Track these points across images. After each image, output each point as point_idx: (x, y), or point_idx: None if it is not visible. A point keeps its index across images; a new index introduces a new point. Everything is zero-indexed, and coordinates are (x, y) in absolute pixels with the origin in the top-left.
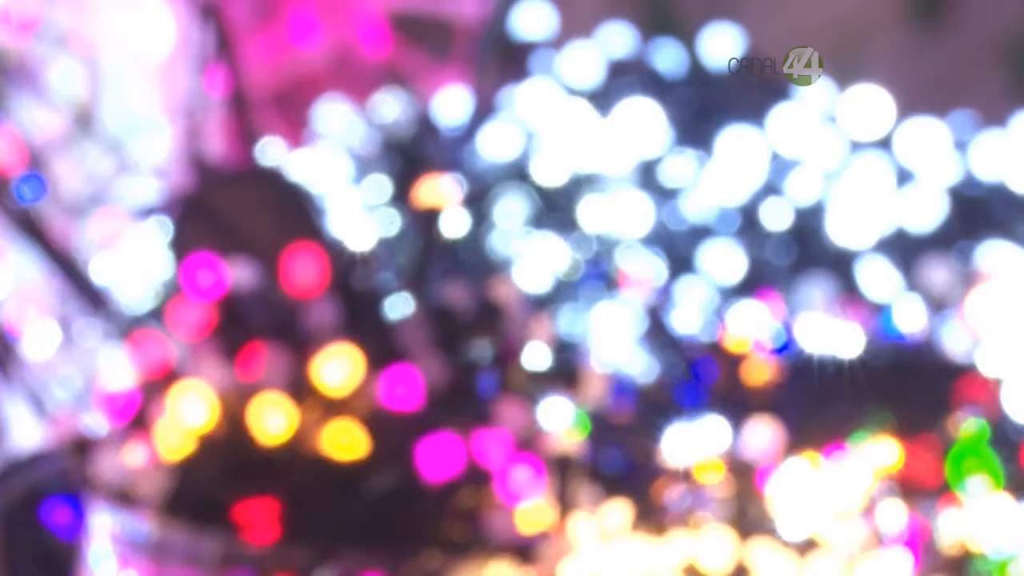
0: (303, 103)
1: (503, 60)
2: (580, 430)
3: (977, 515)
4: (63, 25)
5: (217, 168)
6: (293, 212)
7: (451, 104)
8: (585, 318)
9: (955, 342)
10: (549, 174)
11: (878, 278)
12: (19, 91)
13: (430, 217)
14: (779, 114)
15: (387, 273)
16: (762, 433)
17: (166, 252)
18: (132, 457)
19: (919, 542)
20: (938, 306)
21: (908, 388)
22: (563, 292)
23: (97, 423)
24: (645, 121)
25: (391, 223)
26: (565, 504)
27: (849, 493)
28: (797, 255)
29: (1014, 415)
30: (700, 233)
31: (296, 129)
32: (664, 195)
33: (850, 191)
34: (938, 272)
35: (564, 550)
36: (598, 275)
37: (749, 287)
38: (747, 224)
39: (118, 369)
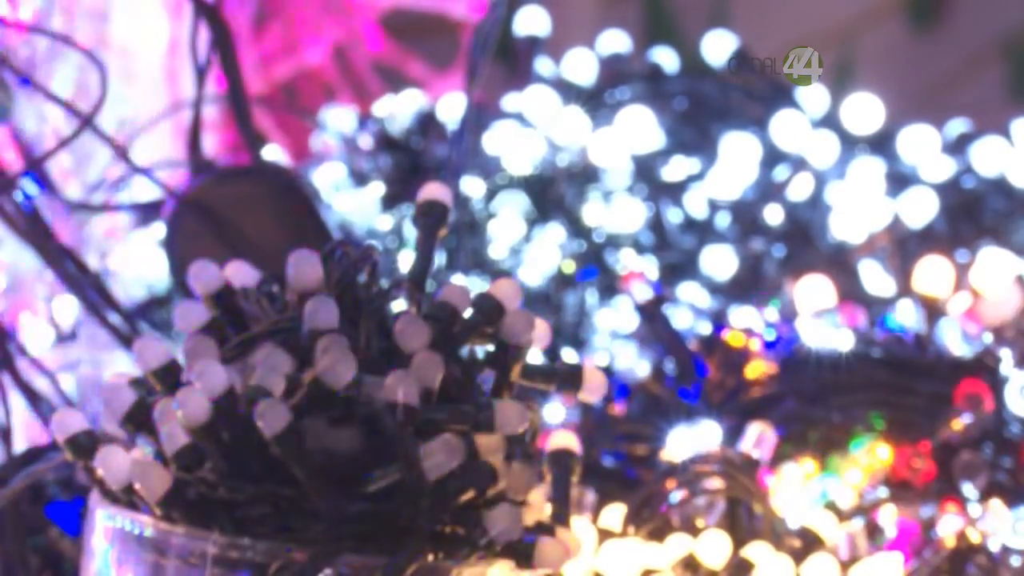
0: (304, 102)
1: (499, 62)
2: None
3: (976, 515)
4: (65, 24)
5: (218, 166)
6: (294, 210)
7: (453, 105)
8: (585, 316)
9: (954, 342)
10: (548, 173)
11: (876, 277)
12: (21, 90)
13: (431, 216)
14: (778, 115)
15: (388, 272)
16: (760, 431)
17: (167, 251)
18: (133, 456)
19: (916, 543)
20: (937, 306)
21: (905, 387)
22: (563, 290)
23: (98, 422)
24: (642, 122)
25: (392, 222)
26: (565, 504)
27: (845, 493)
28: (795, 254)
29: (1014, 415)
30: (698, 231)
31: (297, 128)
32: (662, 193)
33: (847, 192)
34: (936, 271)
35: (564, 550)
36: (597, 272)
37: (746, 285)
38: (744, 223)
39: (119, 368)
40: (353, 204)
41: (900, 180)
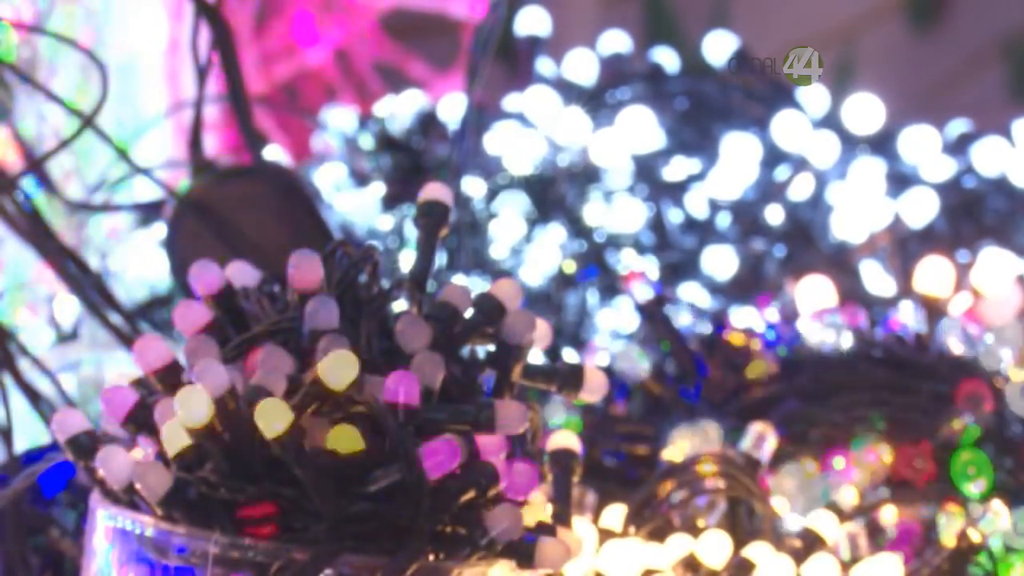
0: (305, 102)
1: (500, 62)
2: (573, 429)
3: (976, 515)
4: (67, 24)
5: (218, 166)
6: (295, 210)
7: (454, 105)
8: (585, 316)
9: (954, 342)
10: (548, 173)
11: (877, 277)
12: (23, 90)
13: (432, 216)
14: (778, 115)
15: (389, 272)
16: (760, 431)
17: (168, 251)
18: (134, 456)
19: (916, 543)
20: (937, 306)
21: (905, 387)
22: (563, 290)
23: (99, 422)
24: (643, 122)
25: (393, 222)
26: (566, 504)
27: (846, 493)
28: (795, 254)
29: (1014, 415)
30: (699, 231)
31: (297, 128)
32: (663, 193)
33: (848, 192)
34: (937, 272)
35: (565, 550)
36: (598, 272)
37: (747, 285)
38: (745, 223)
39: (120, 368)
40: (353, 204)
41: (901, 180)
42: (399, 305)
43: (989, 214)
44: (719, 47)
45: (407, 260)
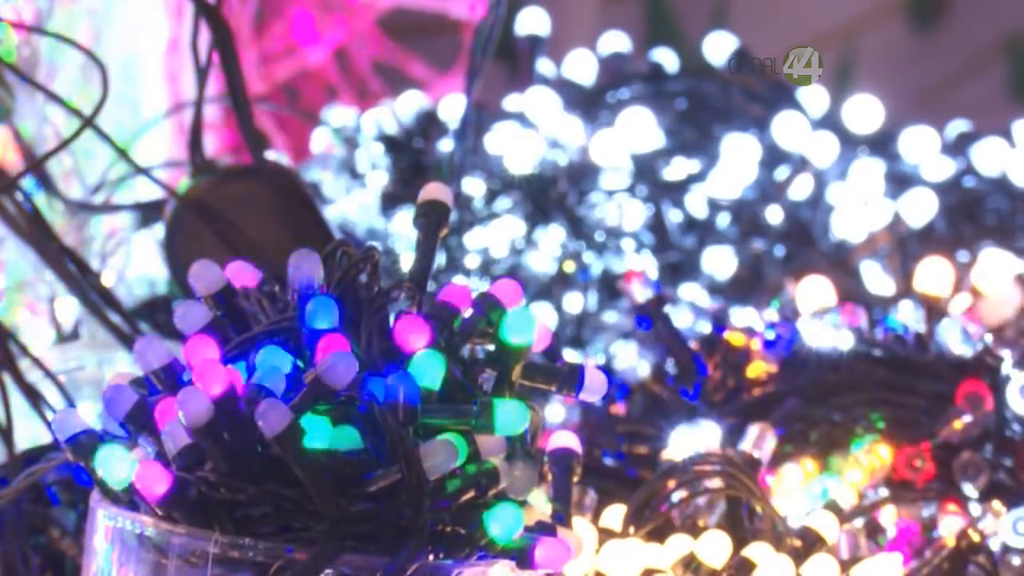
0: (305, 102)
1: (501, 62)
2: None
3: (976, 515)
4: (67, 24)
5: (218, 166)
6: (295, 210)
7: (454, 105)
8: (585, 315)
9: (954, 342)
10: (548, 173)
11: (876, 277)
12: (23, 90)
13: (432, 216)
14: (778, 116)
15: (389, 272)
16: (760, 431)
17: (168, 251)
18: (134, 456)
19: (916, 543)
20: (937, 306)
21: (905, 387)
22: (563, 290)
23: (99, 422)
24: (642, 122)
25: (393, 223)
26: (566, 504)
27: (846, 493)
28: (795, 254)
29: (1015, 415)
30: (699, 231)
31: (297, 128)
32: (663, 193)
33: (848, 192)
34: (937, 272)
35: (566, 550)
36: (598, 272)
37: (747, 285)
38: (745, 223)
39: (121, 368)
40: (353, 204)
41: (901, 180)
42: (400, 304)
43: (989, 214)
44: (719, 47)
45: (408, 260)
